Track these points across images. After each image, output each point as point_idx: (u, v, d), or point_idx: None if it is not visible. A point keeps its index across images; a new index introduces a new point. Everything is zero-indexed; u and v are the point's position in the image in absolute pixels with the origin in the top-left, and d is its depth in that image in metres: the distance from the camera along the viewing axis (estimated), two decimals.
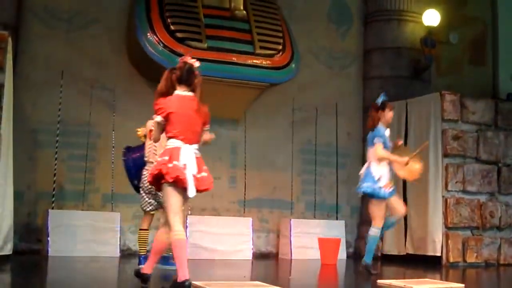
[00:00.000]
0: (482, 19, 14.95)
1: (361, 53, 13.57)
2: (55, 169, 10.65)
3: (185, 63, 6.49)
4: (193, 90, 6.40)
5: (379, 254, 12.32)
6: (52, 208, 10.44)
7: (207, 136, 6.60)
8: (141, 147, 8.80)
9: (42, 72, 10.92)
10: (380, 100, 8.88)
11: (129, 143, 11.12)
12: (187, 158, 6.17)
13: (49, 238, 10.12)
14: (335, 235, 11.48)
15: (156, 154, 8.01)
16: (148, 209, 8.51)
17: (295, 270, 10.32)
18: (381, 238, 9.76)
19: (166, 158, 6.15)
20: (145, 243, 8.62)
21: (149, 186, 7.93)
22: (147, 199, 8.44)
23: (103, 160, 11.13)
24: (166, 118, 6.22)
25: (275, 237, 12.22)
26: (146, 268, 6.53)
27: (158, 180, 6.19)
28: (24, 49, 10.85)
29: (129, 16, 11.37)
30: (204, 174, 6.31)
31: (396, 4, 13.39)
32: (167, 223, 6.19)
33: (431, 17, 12.98)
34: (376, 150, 8.68)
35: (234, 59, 11.08)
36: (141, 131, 8.90)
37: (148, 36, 10.72)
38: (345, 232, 12.34)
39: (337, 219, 12.56)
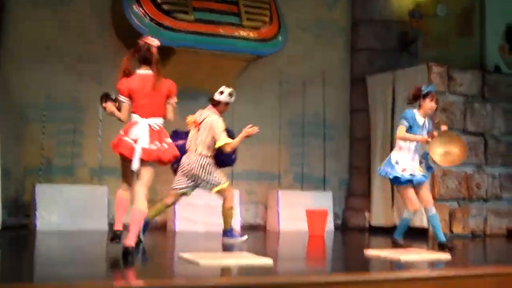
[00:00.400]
0: None
1: (348, 25, 13.52)
2: (42, 144, 10.62)
3: (145, 43, 7.08)
4: (152, 69, 6.96)
5: (367, 225, 12.41)
6: (40, 183, 10.43)
7: (170, 114, 7.08)
8: (187, 134, 9.03)
9: (28, 48, 10.83)
10: (427, 88, 8.62)
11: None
12: (139, 132, 6.72)
13: (37, 213, 10.13)
14: (322, 207, 11.50)
15: (196, 144, 8.76)
16: (177, 188, 8.83)
17: (283, 241, 10.37)
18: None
19: (122, 132, 6.80)
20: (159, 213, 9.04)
21: (186, 170, 8.71)
22: (182, 180, 8.78)
23: (90, 134, 11.10)
24: (129, 97, 6.86)
25: (263, 209, 12.27)
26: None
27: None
28: (10, 25, 10.76)
29: None
30: (153, 146, 6.75)
31: None
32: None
33: None
34: (398, 130, 8.56)
35: (221, 31, 11.04)
36: (190, 118, 9.03)
37: (134, 9, 10.64)
38: (333, 204, 12.40)
39: (324, 191, 12.61)
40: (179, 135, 9.15)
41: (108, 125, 11.01)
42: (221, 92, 8.99)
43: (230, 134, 8.90)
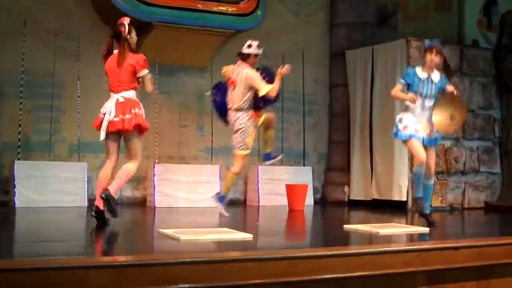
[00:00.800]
0: None
1: (327, 0, 13.50)
2: (20, 120, 10.53)
3: (119, 22, 7.57)
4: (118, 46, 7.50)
5: (346, 200, 12.48)
6: (18, 159, 10.37)
7: (146, 86, 7.51)
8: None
9: (4, 22, 10.69)
10: (428, 42, 8.20)
11: (95, 92, 11.06)
12: (108, 106, 7.36)
13: (15, 190, 10.08)
14: (302, 181, 11.56)
15: (233, 101, 9.01)
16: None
17: (263, 216, 10.41)
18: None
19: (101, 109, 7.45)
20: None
21: (232, 127, 9.04)
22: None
23: (68, 110, 11.04)
24: (106, 75, 7.56)
25: (243, 184, 12.28)
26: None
27: None
28: None
29: None
30: (116, 118, 7.28)
31: None
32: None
33: None
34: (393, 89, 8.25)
35: (199, 6, 11.00)
36: (225, 69, 9.32)
37: None
38: (312, 178, 12.45)
39: (304, 165, 12.65)
40: (219, 87, 9.40)
41: (87, 101, 10.97)
42: (249, 46, 9.17)
43: (268, 72, 9.33)
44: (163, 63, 11.34)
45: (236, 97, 8.92)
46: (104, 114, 7.33)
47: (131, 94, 7.40)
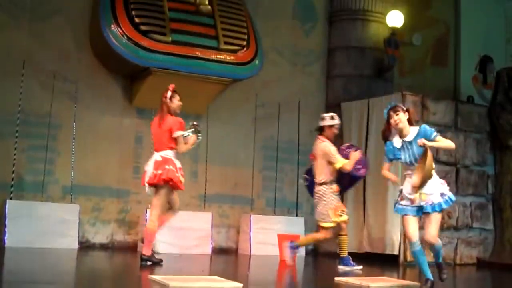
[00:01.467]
0: (445, 21, 15.13)
1: (325, 51, 13.63)
2: (14, 159, 10.53)
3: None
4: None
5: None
6: (11, 199, 10.33)
7: (178, 146, 8.45)
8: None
9: (3, 62, 10.76)
10: (386, 109, 7.59)
11: (90, 134, 11.12)
12: (149, 164, 8.41)
13: (6, 229, 10.02)
14: (294, 232, 11.51)
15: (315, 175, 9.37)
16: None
17: (254, 265, 10.34)
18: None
19: None
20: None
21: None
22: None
23: (63, 151, 11.05)
24: None
25: (235, 232, 12.24)
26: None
27: None
28: None
29: (93, 7, 11.28)
30: (155, 172, 8.29)
31: (361, 4, 13.49)
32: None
33: (395, 18, 13.08)
34: None
35: (198, 54, 11.08)
36: None
37: (112, 28, 10.64)
38: (305, 229, 12.39)
39: (297, 216, 12.62)
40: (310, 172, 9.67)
41: (82, 143, 11.01)
42: (322, 119, 9.44)
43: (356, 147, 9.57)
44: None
45: (316, 171, 9.24)
46: (146, 171, 8.39)
47: (168, 153, 8.37)
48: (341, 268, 9.36)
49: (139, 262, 8.38)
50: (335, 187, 9.13)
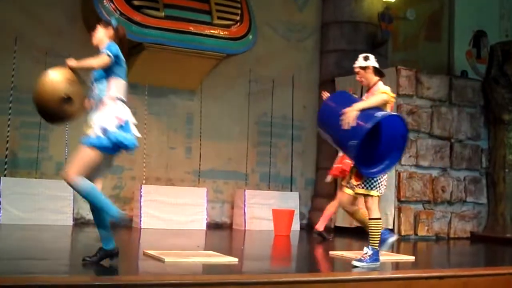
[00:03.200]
0: None
1: (318, 26, 13.57)
2: (7, 137, 10.51)
3: None
4: None
5: (332, 226, 12.46)
6: (5, 176, 10.32)
7: None
8: None
9: None
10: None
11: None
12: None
13: (0, 206, 10.02)
14: (289, 207, 11.55)
15: None
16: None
17: (249, 240, 10.38)
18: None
19: None
20: None
21: None
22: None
23: (56, 128, 10.99)
24: None
25: (230, 207, 12.27)
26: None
27: None
28: None
29: None
30: None
31: None
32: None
33: None
34: None
35: (191, 29, 11.02)
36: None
37: (105, 3, 10.56)
38: (299, 204, 12.43)
39: (291, 191, 12.65)
40: None
41: (75, 120, 10.93)
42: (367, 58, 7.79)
43: None
44: (153, 85, 11.36)
45: None
46: None
47: None
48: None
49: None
50: None
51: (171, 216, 10.97)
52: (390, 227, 11.13)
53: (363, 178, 6.82)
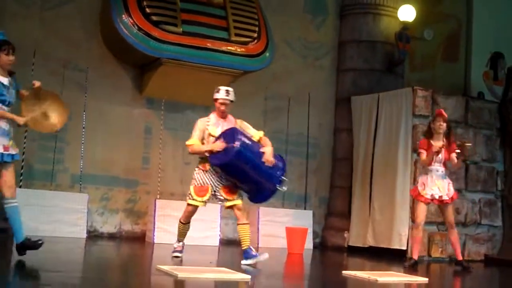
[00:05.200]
0: (457, 16, 15.08)
1: (335, 45, 13.60)
2: (24, 148, 10.54)
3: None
4: None
5: (346, 246, 12.42)
6: (20, 187, 10.35)
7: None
8: None
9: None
10: None
11: (100, 124, 11.13)
12: None
13: None
14: (302, 225, 11.52)
15: None
16: None
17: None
18: None
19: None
20: None
21: None
22: None
23: (72, 140, 11.07)
24: None
25: None
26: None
27: None
28: None
29: None
30: None
31: None
32: None
33: (407, 12, 13.02)
34: None
35: (209, 45, 11.05)
36: None
37: (123, 18, 10.63)
38: (313, 222, 12.40)
39: (305, 209, 12.61)
40: None
41: (91, 132, 11.01)
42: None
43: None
44: (169, 99, 11.40)
45: None
46: None
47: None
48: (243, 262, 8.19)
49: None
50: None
51: None
52: (404, 247, 11.08)
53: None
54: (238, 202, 8.37)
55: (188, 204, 8.39)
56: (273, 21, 12.19)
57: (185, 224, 8.53)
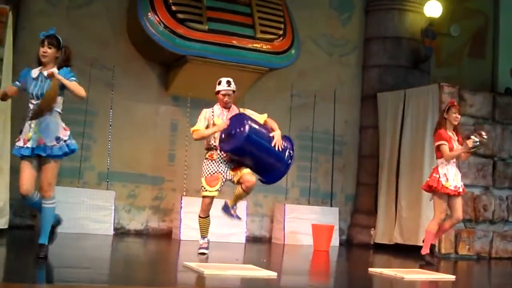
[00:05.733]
0: (483, 12, 14.95)
1: (361, 41, 13.56)
2: None
3: None
4: None
5: (372, 243, 12.40)
6: None
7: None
8: None
9: None
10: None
11: (126, 122, 11.19)
12: None
13: None
14: (328, 222, 11.51)
15: None
16: None
17: (288, 255, 10.36)
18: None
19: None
20: None
21: None
22: None
23: (100, 138, 11.15)
24: None
25: (269, 221, 12.26)
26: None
27: None
28: (24, 25, 10.80)
29: None
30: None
31: None
32: None
33: (433, 8, 12.94)
34: None
35: (234, 42, 11.07)
36: None
37: (149, 16, 10.68)
38: (339, 219, 12.38)
39: (331, 206, 12.59)
40: None
41: (118, 130, 11.08)
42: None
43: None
44: (195, 97, 11.42)
45: None
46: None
47: (438, 161, 9.41)
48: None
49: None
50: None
51: (211, 228, 10.94)
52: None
53: None
54: (245, 170, 8.29)
55: (203, 197, 8.54)
56: (298, 17, 12.18)
57: (205, 218, 8.61)
